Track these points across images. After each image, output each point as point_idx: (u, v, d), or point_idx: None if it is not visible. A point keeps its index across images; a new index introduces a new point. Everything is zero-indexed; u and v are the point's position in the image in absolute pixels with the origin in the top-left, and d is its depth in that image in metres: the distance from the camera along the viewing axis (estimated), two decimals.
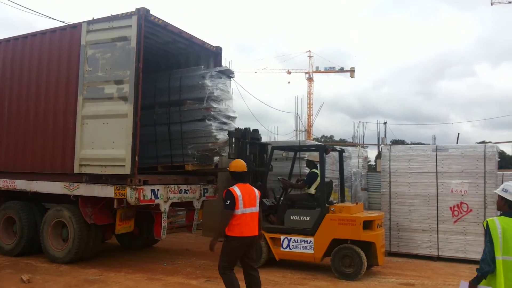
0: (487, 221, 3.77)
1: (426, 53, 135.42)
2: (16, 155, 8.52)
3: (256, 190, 5.42)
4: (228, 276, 5.16)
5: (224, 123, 8.64)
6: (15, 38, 8.85)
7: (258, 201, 5.34)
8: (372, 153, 35.58)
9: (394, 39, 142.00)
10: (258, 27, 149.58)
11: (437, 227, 9.24)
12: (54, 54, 8.21)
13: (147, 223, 8.78)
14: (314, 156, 8.46)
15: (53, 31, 8.38)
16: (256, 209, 5.27)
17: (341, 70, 60.12)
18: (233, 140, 8.43)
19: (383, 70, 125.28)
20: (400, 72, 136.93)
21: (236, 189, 5.18)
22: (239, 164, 5.43)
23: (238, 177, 5.37)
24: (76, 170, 7.64)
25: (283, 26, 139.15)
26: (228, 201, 5.09)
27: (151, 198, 7.48)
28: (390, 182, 9.80)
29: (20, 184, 8.43)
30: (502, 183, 11.90)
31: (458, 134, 14.81)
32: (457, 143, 12.80)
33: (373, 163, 30.26)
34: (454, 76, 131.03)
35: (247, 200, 5.18)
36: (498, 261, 3.62)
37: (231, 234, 5.10)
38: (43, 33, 8.46)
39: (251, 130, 8.75)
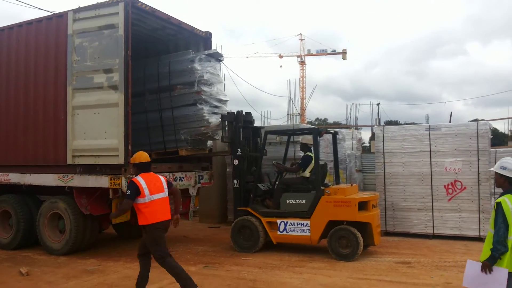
0: (499, 201, 3.71)
1: (416, 33, 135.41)
2: (8, 148, 8.45)
3: (161, 177, 5.45)
4: (168, 262, 5.24)
5: (216, 107, 8.59)
6: (1, 29, 8.70)
7: (165, 186, 5.39)
8: (366, 135, 35.68)
9: (383, 20, 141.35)
10: (246, 11, 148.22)
11: (432, 205, 9.31)
12: (41, 45, 8.09)
13: None
14: (308, 139, 8.46)
15: (39, 21, 8.23)
16: (164, 194, 5.33)
17: (333, 53, 59.77)
18: (226, 124, 8.41)
19: (374, 51, 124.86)
20: (391, 53, 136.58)
21: (139, 179, 5.23)
22: (143, 156, 5.48)
23: (142, 167, 5.41)
24: (69, 161, 7.60)
25: (272, 9, 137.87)
26: (129, 191, 5.14)
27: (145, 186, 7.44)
28: (384, 162, 9.83)
29: (14, 178, 8.38)
30: (496, 160, 12.00)
31: (451, 112, 14.85)
32: (450, 121, 12.85)
33: (367, 145, 30.38)
34: (445, 55, 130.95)
35: (153, 187, 5.22)
36: (510, 240, 3.62)
37: (149, 222, 5.15)
38: (29, 23, 8.32)
39: (244, 113, 8.71)
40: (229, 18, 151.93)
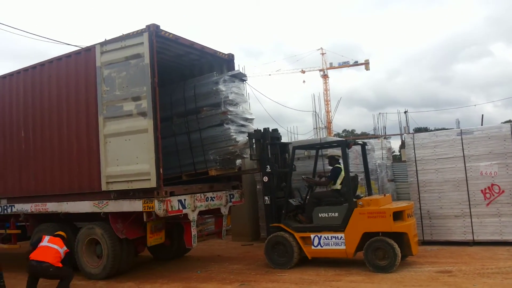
0: None
1: (435, 38, 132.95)
2: (45, 179, 8.74)
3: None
4: None
5: (242, 125, 8.69)
6: (33, 67, 9.10)
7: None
8: (395, 143, 35.07)
9: (400, 29, 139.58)
10: (262, 30, 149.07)
11: (470, 211, 9.06)
12: (71, 78, 8.41)
13: (177, 233, 8.88)
14: (335, 151, 8.42)
15: (68, 56, 8.59)
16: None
17: (356, 64, 59.50)
18: (253, 142, 8.48)
19: (395, 60, 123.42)
20: (413, 60, 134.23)
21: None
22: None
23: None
24: (104, 187, 7.80)
25: (287, 26, 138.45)
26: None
27: (178, 208, 7.58)
28: (416, 170, 9.66)
29: (51, 207, 8.64)
30: None
31: (482, 115, 14.53)
32: (481, 124, 12.53)
33: (398, 153, 29.86)
34: (469, 58, 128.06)
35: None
36: None
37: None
38: (59, 58, 8.68)
39: (271, 130, 8.77)
40: (245, 39, 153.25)
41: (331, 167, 8.40)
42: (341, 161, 8.30)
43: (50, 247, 6.83)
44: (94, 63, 8.00)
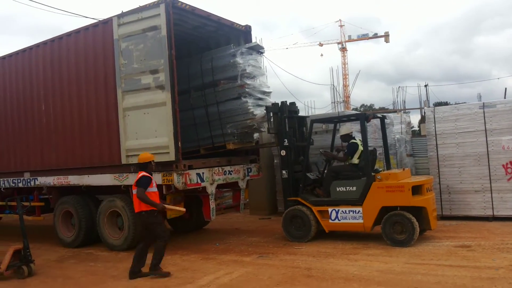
0: None
1: (457, 9, 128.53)
2: (66, 152, 8.90)
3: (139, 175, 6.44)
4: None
5: (260, 99, 8.62)
6: (52, 40, 9.14)
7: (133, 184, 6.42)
8: (414, 118, 34.54)
9: (421, 0, 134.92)
10: (277, 2, 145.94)
11: (490, 186, 8.92)
12: (89, 51, 8.44)
13: (196, 206, 8.99)
14: (347, 129, 8.28)
15: (86, 28, 8.58)
16: (134, 191, 6.37)
17: (375, 36, 58.29)
18: (271, 115, 8.43)
19: (415, 33, 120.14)
20: (433, 33, 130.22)
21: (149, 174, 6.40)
22: (142, 156, 6.61)
23: (143, 167, 6.52)
24: (124, 161, 7.91)
25: None
26: (146, 183, 6.24)
27: (197, 181, 7.65)
28: (436, 144, 9.52)
29: (73, 180, 8.82)
30: None
31: (506, 88, 14.12)
32: (504, 98, 12.20)
33: (417, 128, 29.43)
34: (492, 29, 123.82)
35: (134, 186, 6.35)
36: None
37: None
38: (77, 31, 8.69)
39: (288, 103, 8.70)
40: (260, 11, 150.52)
41: (346, 143, 8.28)
42: (355, 136, 8.22)
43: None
44: (111, 36, 7.99)
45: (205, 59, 8.93)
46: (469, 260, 6.10)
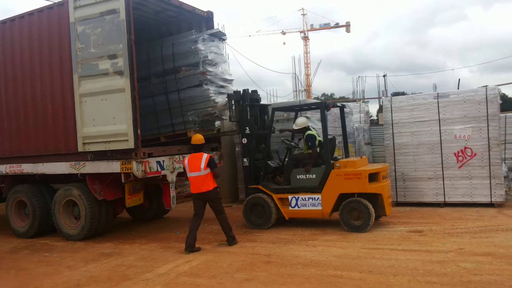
0: None
1: (415, 1, 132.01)
2: (19, 139, 8.55)
3: (204, 155, 6.88)
4: (192, 220, 7.01)
5: (222, 87, 8.57)
6: (3, 22, 8.69)
7: (203, 165, 6.78)
8: (373, 108, 35.48)
9: None
10: None
11: (443, 173, 9.32)
12: (44, 35, 8.09)
13: (156, 194, 8.89)
14: (301, 123, 8.28)
15: (40, 10, 8.21)
16: (200, 173, 6.79)
17: (337, 26, 58.83)
18: (233, 103, 8.41)
19: (374, 23, 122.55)
20: (390, 24, 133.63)
21: (186, 159, 7.03)
22: (197, 137, 7.10)
23: (195, 148, 7.06)
24: (80, 148, 7.68)
25: None
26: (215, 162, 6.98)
27: (157, 169, 7.56)
28: (393, 133, 9.82)
29: (27, 168, 8.50)
30: (506, 125, 11.93)
31: (459, 80, 14.70)
32: (458, 88, 12.71)
33: (375, 118, 30.22)
34: (446, 22, 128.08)
35: (191, 167, 6.83)
36: None
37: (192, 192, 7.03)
38: (31, 13, 8.30)
39: (250, 91, 8.70)
40: None
41: (303, 135, 8.28)
42: (313, 125, 8.34)
43: None
44: (67, 19, 7.68)
45: (165, 45, 8.77)
46: (421, 244, 6.38)
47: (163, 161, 7.71)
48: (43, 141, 8.21)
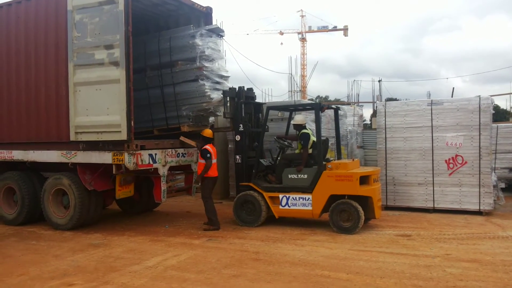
0: None
1: (410, 9, 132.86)
2: (11, 125, 8.47)
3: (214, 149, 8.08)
4: (210, 201, 7.95)
5: (217, 83, 8.56)
6: None
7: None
8: (366, 112, 35.61)
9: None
10: None
11: (433, 180, 9.39)
12: (41, 21, 8.02)
13: (147, 187, 8.86)
14: (300, 119, 8.36)
15: None
16: (215, 161, 8.05)
17: (335, 29, 58.99)
18: (228, 100, 8.40)
19: (370, 29, 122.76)
20: (386, 30, 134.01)
21: (209, 147, 7.89)
22: (209, 132, 8.18)
23: (208, 140, 8.07)
24: (72, 138, 7.64)
25: None
26: (208, 155, 7.82)
27: (149, 162, 7.53)
28: (385, 138, 9.87)
29: (17, 155, 8.44)
30: (497, 135, 12.02)
31: (453, 88, 14.81)
32: (451, 97, 12.81)
33: (368, 122, 30.34)
34: (439, 31, 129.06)
35: (214, 155, 7.95)
36: None
37: (212, 176, 7.97)
38: None
39: (246, 89, 8.69)
40: None
41: (298, 132, 8.34)
42: (307, 126, 8.37)
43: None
44: (65, 6, 7.62)
45: (163, 38, 8.72)
46: (408, 248, 6.42)
47: (155, 154, 7.68)
48: (35, 129, 8.14)
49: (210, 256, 6.09)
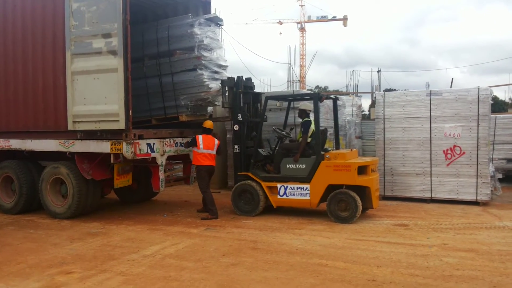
0: None
1: (408, 0, 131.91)
2: (8, 114, 8.45)
3: (216, 140, 8.16)
4: (208, 192, 8.05)
5: (216, 72, 8.52)
6: None
7: (215, 147, 8.12)
8: (365, 102, 35.60)
9: None
10: None
11: (431, 170, 9.41)
12: (38, 10, 7.96)
13: (145, 177, 8.87)
14: (307, 105, 8.43)
15: None
16: (212, 151, 8.06)
17: (334, 19, 58.60)
18: (226, 89, 8.38)
19: (368, 20, 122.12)
20: (384, 21, 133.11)
21: (200, 136, 8.00)
22: (209, 123, 8.25)
23: (206, 131, 8.15)
24: (70, 127, 7.62)
25: None
26: (195, 142, 7.98)
27: (147, 152, 7.53)
28: (384, 128, 9.87)
29: (15, 144, 8.43)
30: (495, 126, 12.03)
31: (452, 79, 14.83)
32: (450, 87, 12.79)
33: (367, 112, 30.30)
34: (438, 21, 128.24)
35: (206, 145, 7.96)
36: None
37: (199, 164, 7.98)
38: None
39: (244, 78, 8.66)
40: None
41: (300, 120, 8.43)
42: (311, 114, 8.35)
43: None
44: None
45: (161, 27, 8.67)
46: (405, 238, 6.45)
47: (154, 143, 7.67)
48: (32, 118, 8.12)
49: (208, 245, 6.12)
